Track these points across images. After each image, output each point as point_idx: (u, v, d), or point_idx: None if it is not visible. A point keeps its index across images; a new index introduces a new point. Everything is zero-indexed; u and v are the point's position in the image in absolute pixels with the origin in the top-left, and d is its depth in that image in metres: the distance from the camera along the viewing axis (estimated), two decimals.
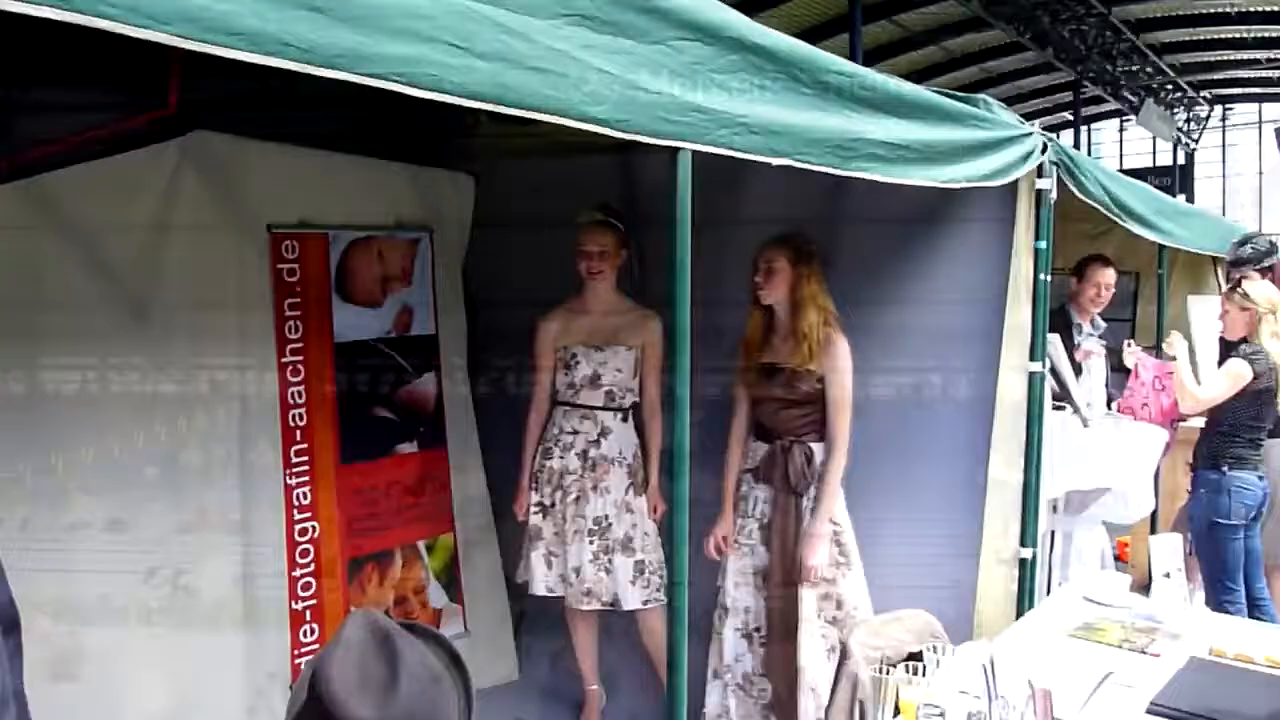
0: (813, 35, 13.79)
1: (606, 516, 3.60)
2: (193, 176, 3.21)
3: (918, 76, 15.93)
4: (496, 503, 4.31)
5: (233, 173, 3.35)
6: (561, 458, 3.68)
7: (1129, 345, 4.73)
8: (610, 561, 3.59)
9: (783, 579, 3.26)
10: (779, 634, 3.26)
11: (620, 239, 3.65)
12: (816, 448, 3.30)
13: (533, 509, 3.73)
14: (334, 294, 3.75)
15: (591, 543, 3.60)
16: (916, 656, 2.44)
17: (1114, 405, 4.73)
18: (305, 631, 3.64)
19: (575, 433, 3.67)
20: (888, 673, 2.28)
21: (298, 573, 3.63)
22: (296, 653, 3.58)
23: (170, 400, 3.20)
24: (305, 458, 3.66)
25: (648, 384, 3.66)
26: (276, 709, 3.38)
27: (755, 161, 2.15)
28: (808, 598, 3.22)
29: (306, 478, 3.66)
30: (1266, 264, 4.61)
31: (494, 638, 4.26)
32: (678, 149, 1.98)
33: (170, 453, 3.22)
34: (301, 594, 3.64)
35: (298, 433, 3.64)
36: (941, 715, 2.08)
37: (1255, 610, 4.36)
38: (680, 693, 2.26)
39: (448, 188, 4.20)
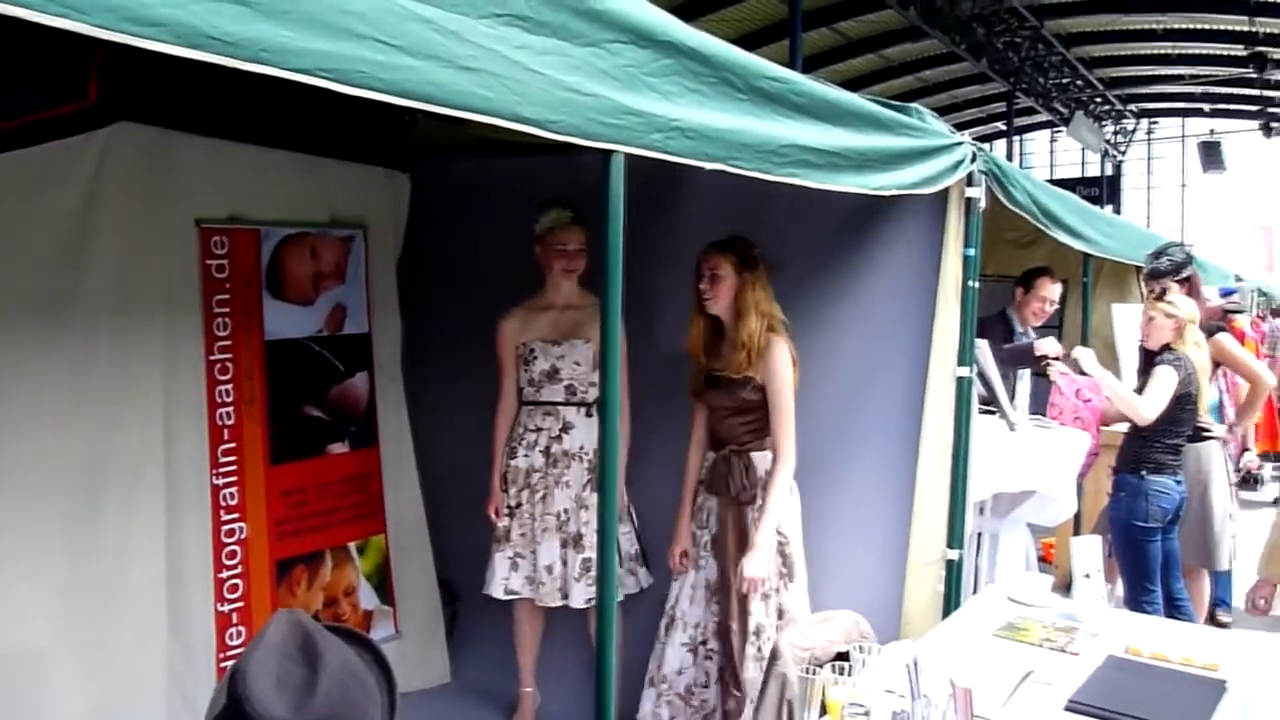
0: (754, 41, 13.92)
1: (566, 511, 3.59)
2: (116, 169, 3.14)
3: (856, 83, 16.16)
4: (431, 503, 4.29)
5: (159, 166, 3.28)
6: (526, 456, 3.67)
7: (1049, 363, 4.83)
8: (566, 557, 3.60)
9: (731, 592, 3.24)
10: (726, 647, 3.25)
11: (588, 236, 3.64)
12: (758, 457, 3.28)
13: (502, 511, 3.71)
14: (265, 291, 3.70)
15: (558, 538, 3.60)
16: (845, 656, 2.47)
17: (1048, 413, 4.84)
18: (231, 635, 3.58)
19: (539, 430, 3.66)
20: (815, 673, 2.30)
21: (224, 574, 3.57)
22: (222, 656, 3.52)
23: (93, 398, 3.12)
24: (233, 457, 3.60)
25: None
26: (200, 713, 3.31)
27: (688, 166, 2.16)
28: (757, 610, 3.21)
29: (234, 478, 3.60)
30: (1183, 275, 4.74)
31: (426, 640, 4.23)
32: (611, 152, 1.98)
33: (93, 451, 3.13)
34: (228, 596, 3.58)
35: (225, 432, 3.58)
36: (866, 714, 2.11)
37: (1173, 610, 4.48)
38: (608, 693, 2.26)
39: (383, 185, 4.16)
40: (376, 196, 4.13)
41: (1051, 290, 5.04)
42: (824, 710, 2.24)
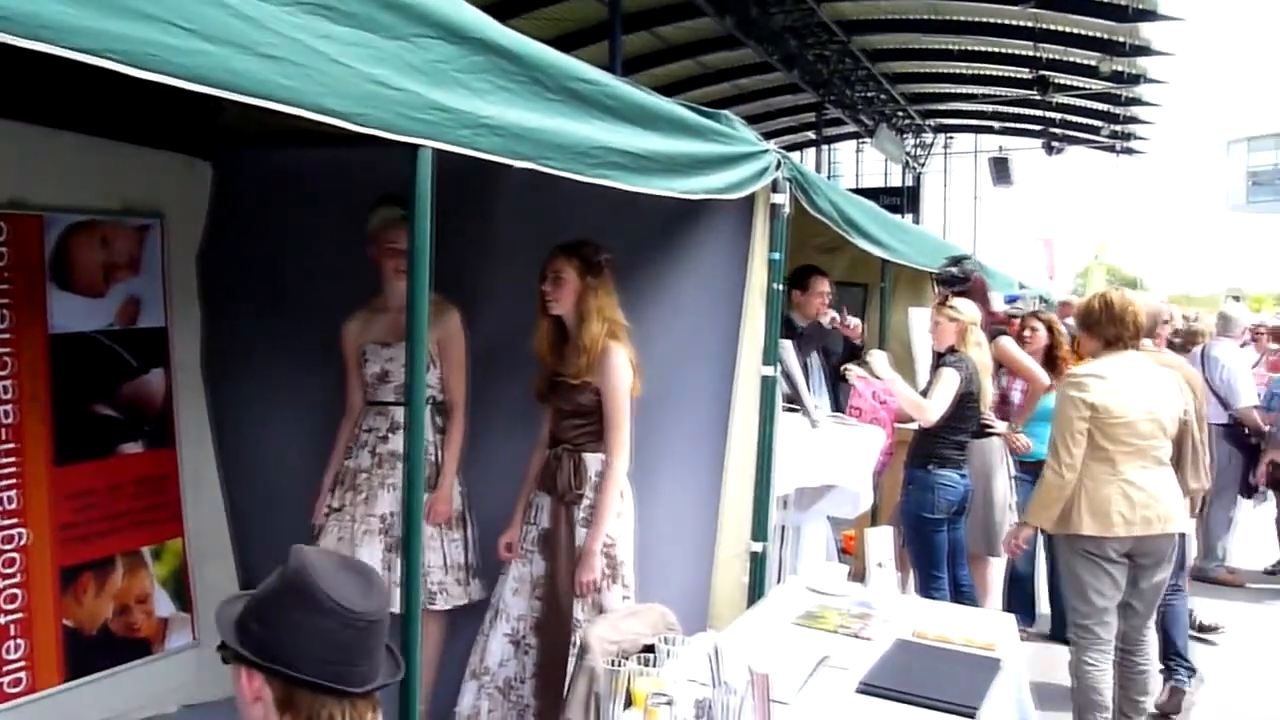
0: (573, 41, 13.97)
1: (391, 514, 3.51)
2: None
3: (675, 88, 16.45)
4: (236, 506, 4.13)
5: None
6: (356, 457, 3.59)
7: (848, 368, 5.07)
8: (389, 562, 3.51)
9: (554, 588, 3.25)
10: (545, 643, 3.27)
11: None
12: (589, 458, 3.30)
13: (323, 511, 3.61)
14: (50, 282, 3.48)
15: (381, 542, 3.50)
16: (652, 649, 2.53)
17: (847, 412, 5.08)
18: (9, 648, 3.34)
19: (370, 430, 3.58)
20: (622, 665, 2.35)
21: (3, 584, 3.33)
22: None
23: None
24: (14, 458, 3.38)
25: (446, 379, 3.59)
26: None
27: (497, 163, 2.16)
28: (577, 608, 3.24)
29: (14, 480, 3.38)
30: (968, 283, 5.06)
31: None
32: (418, 147, 1.96)
33: None
34: (6, 607, 3.35)
35: (5, 431, 3.35)
36: (670, 703, 2.17)
37: (959, 595, 4.77)
38: (413, 690, 2.24)
39: (183, 173, 3.98)
40: (176, 185, 3.94)
41: (825, 284, 5.29)
42: (630, 701, 2.29)
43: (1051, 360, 5.54)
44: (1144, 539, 3.80)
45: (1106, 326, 3.90)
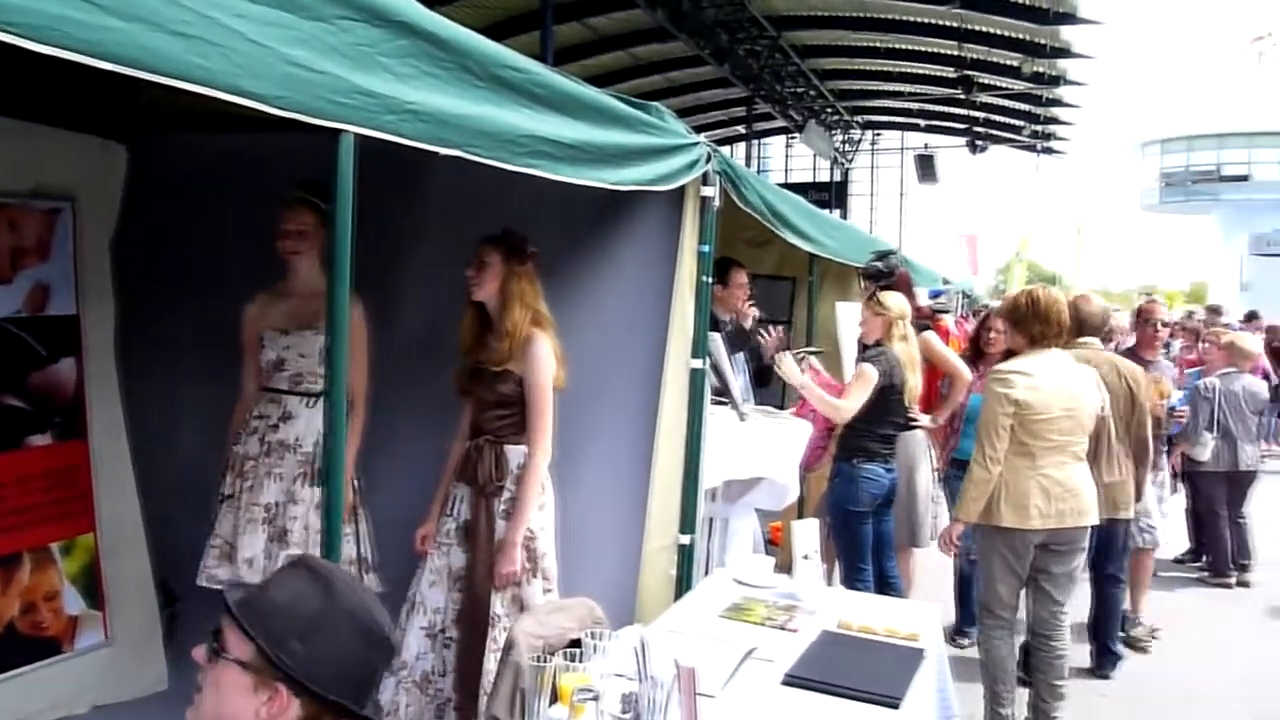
0: (505, 30, 13.85)
1: (276, 504, 3.43)
2: None
3: (606, 80, 16.41)
4: (149, 499, 4.00)
5: None
6: (246, 443, 3.51)
7: (782, 356, 5.08)
8: (270, 552, 3.43)
9: (474, 581, 3.22)
10: (464, 636, 3.23)
11: (323, 218, 3.46)
12: (511, 450, 3.27)
13: (217, 498, 3.53)
14: None
15: (264, 532, 3.42)
16: (579, 643, 2.51)
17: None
18: None
19: (261, 417, 3.51)
20: (547, 660, 2.33)
21: None
22: None
23: None
24: None
25: (349, 371, 3.51)
26: None
27: (424, 151, 2.12)
28: (496, 601, 3.21)
29: None
30: (893, 279, 5.12)
31: (141, 646, 3.94)
32: (340, 131, 1.91)
33: None
34: None
35: None
36: (595, 699, 2.15)
37: (886, 587, 4.84)
38: None
39: (97, 156, 3.82)
40: (89, 168, 3.79)
41: (744, 276, 5.30)
42: (556, 697, 2.27)
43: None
44: (1058, 530, 3.93)
45: (1032, 324, 3.99)
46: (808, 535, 3.43)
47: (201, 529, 3.63)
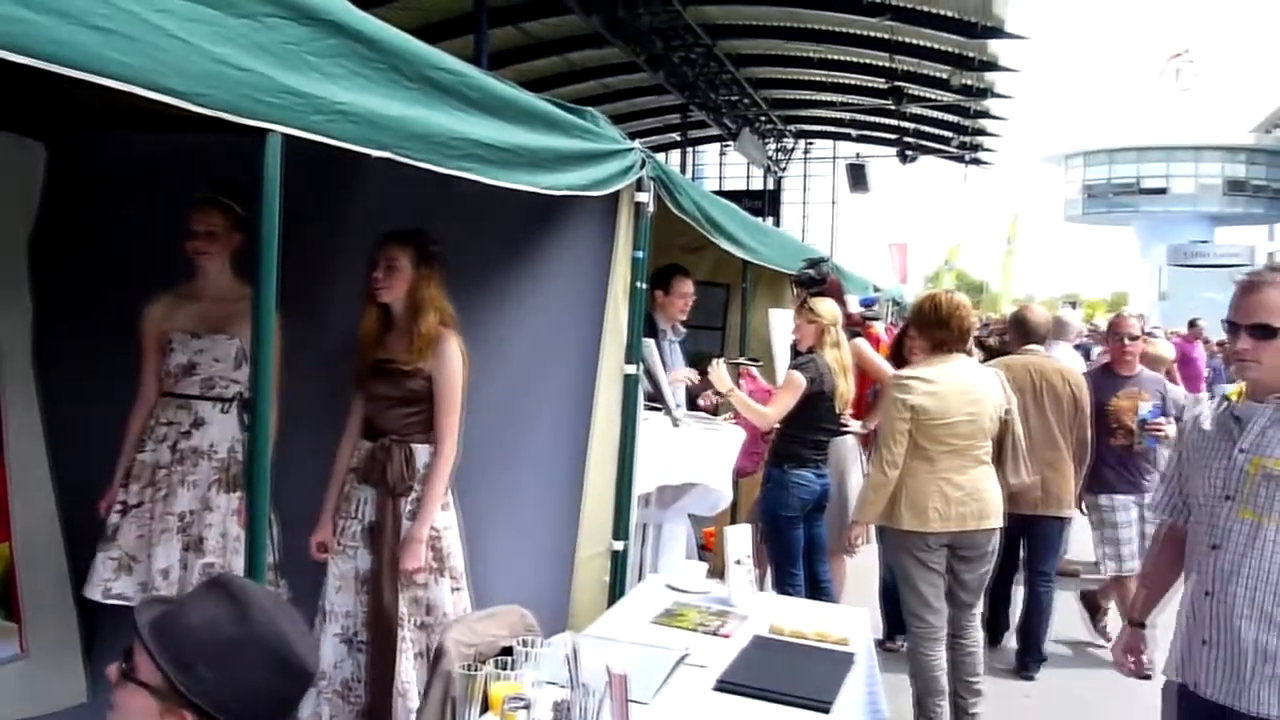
0: (438, 33, 13.72)
1: (190, 512, 3.35)
2: None
3: (541, 85, 16.35)
4: (69, 509, 3.87)
5: None
6: (154, 451, 3.40)
7: (715, 364, 5.10)
8: (186, 561, 3.34)
9: (382, 583, 3.18)
10: (376, 639, 3.19)
11: (233, 220, 3.39)
12: (419, 448, 3.25)
13: (115, 507, 3.39)
14: None
15: (179, 542, 3.33)
16: (510, 651, 2.48)
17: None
18: None
19: (170, 423, 3.40)
20: (478, 669, 2.30)
21: None
22: None
23: None
24: None
25: None
26: None
27: (354, 152, 2.08)
28: (402, 602, 3.18)
29: None
30: (824, 286, 5.18)
31: (59, 658, 3.81)
32: (267, 131, 1.87)
33: None
34: None
35: None
36: (526, 707, 2.13)
37: (818, 592, 4.88)
38: None
39: (13, 154, 3.70)
40: (6, 166, 3.67)
41: (689, 285, 5.33)
42: (486, 706, 2.25)
43: None
44: (961, 534, 3.99)
45: (934, 329, 4.05)
46: (740, 541, 3.44)
47: None
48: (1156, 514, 2.80)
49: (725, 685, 2.59)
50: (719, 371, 4.73)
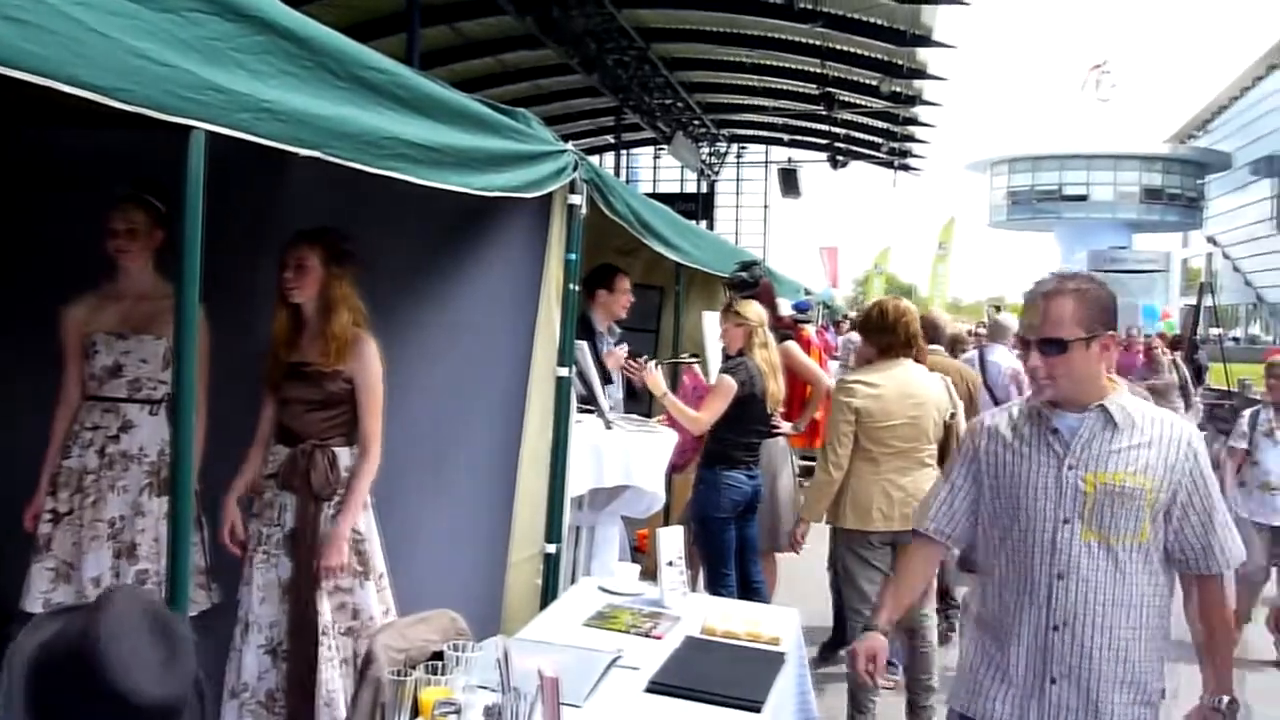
0: (370, 32, 13.55)
1: (121, 517, 3.25)
2: None
3: (474, 85, 16.22)
4: None
5: None
6: (80, 456, 3.28)
7: (651, 366, 5.12)
8: (119, 569, 3.25)
9: (305, 590, 3.12)
10: (299, 647, 3.13)
11: (155, 218, 3.31)
12: (342, 452, 3.20)
13: (45, 516, 3.28)
14: None
15: (110, 548, 3.23)
16: (441, 655, 2.46)
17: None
18: None
19: (96, 428, 3.29)
20: (408, 674, 2.28)
21: None
22: None
23: None
24: None
25: None
26: None
27: (282, 151, 2.05)
28: (325, 608, 3.13)
29: None
30: (757, 288, 5.24)
31: None
32: (191, 128, 1.83)
33: None
34: None
35: None
36: (457, 712, 2.12)
37: (751, 592, 4.91)
38: None
39: None
40: None
41: (628, 283, 5.35)
42: (416, 712, 2.22)
43: None
44: (904, 533, 4.05)
45: (881, 334, 4.15)
46: (672, 542, 3.45)
47: (23, 549, 3.40)
48: (929, 524, 2.52)
49: (657, 687, 2.59)
50: (655, 375, 4.74)
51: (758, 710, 2.51)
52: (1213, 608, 2.29)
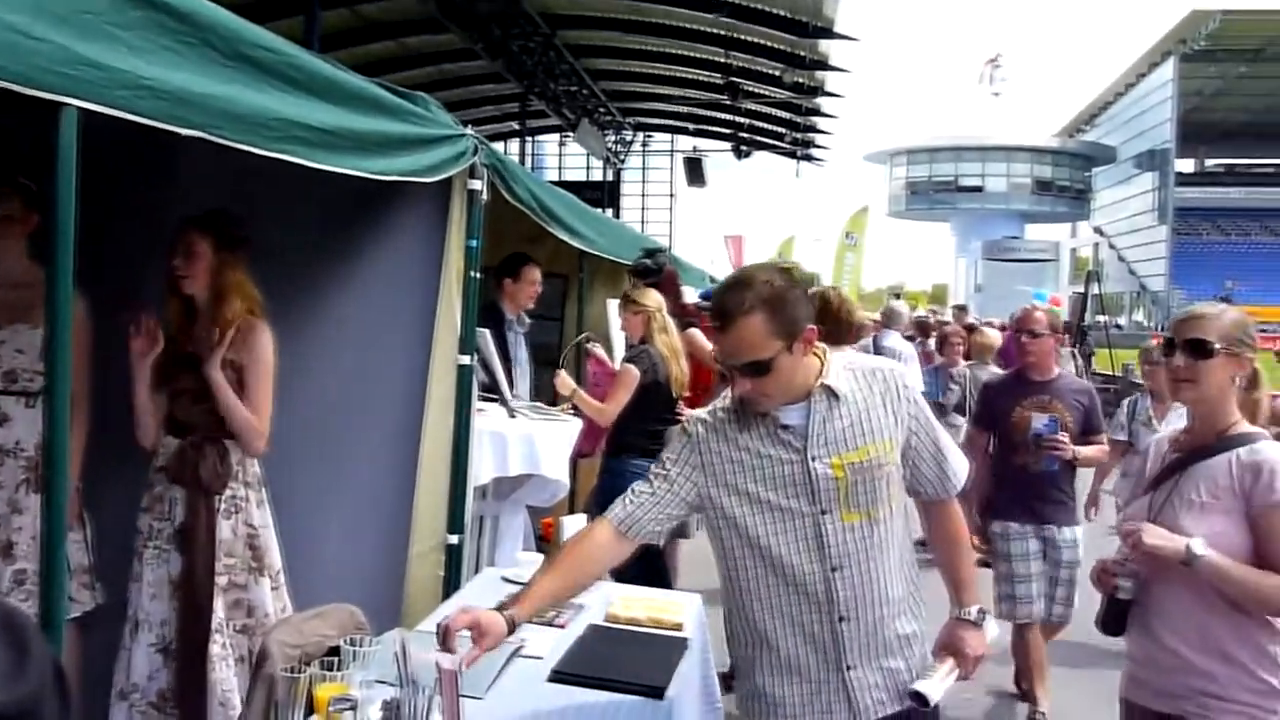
0: (267, 12, 13.14)
1: None
2: None
3: (375, 69, 15.82)
4: None
5: None
6: None
7: (559, 374, 5.10)
8: None
9: (193, 586, 3.03)
10: (191, 645, 3.03)
11: (25, 200, 3.15)
12: (232, 445, 3.11)
13: None
14: None
15: None
16: (339, 651, 2.41)
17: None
18: None
19: None
20: (303, 670, 2.22)
21: None
22: None
23: None
24: None
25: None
26: None
27: (172, 134, 1.97)
28: (218, 605, 3.04)
29: None
30: (660, 275, 5.25)
31: None
32: (62, 105, 1.74)
33: None
34: None
35: None
36: (353, 708, 2.07)
37: (654, 578, 4.91)
38: None
39: None
40: None
41: (537, 273, 5.33)
42: (312, 709, 2.17)
43: None
44: None
45: (824, 323, 4.15)
46: (575, 530, 3.44)
47: None
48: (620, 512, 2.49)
49: (560, 676, 2.58)
50: (562, 377, 4.77)
51: (660, 696, 2.52)
52: (956, 526, 2.39)
